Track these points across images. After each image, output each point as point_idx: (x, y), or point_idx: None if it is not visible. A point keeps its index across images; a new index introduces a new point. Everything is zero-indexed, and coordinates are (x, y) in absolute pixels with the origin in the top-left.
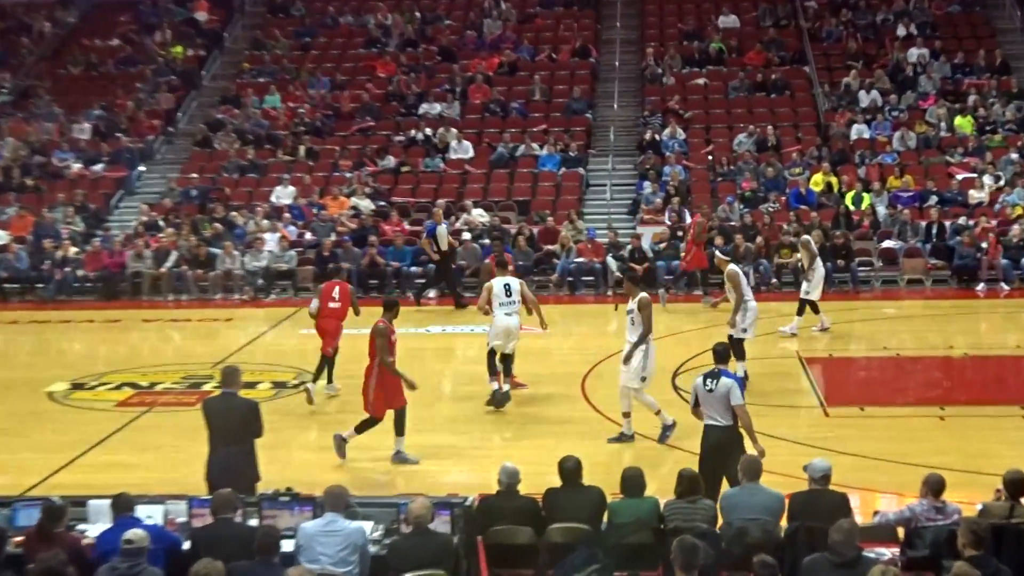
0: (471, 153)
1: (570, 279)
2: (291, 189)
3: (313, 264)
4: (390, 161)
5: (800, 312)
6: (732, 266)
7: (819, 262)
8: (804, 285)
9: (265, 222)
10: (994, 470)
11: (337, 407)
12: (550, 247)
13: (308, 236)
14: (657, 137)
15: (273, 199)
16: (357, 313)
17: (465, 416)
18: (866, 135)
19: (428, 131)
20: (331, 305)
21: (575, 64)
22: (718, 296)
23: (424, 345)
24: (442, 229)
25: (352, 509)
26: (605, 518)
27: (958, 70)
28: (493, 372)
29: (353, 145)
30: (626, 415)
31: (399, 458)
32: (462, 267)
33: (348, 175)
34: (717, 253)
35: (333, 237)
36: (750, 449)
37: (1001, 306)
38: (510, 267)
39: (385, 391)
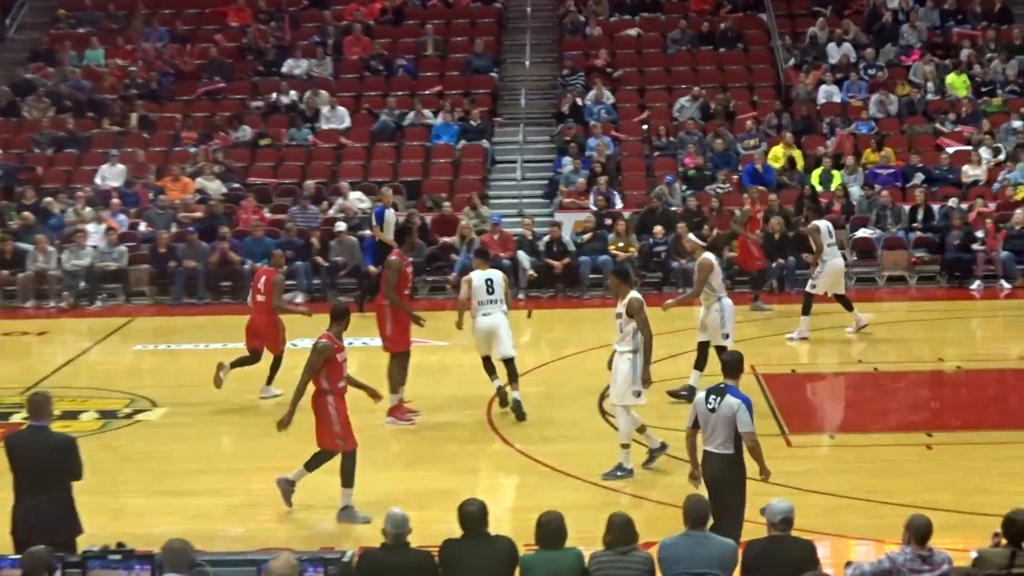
0: (347, 122)
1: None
2: (120, 168)
3: (148, 263)
4: (245, 132)
5: (806, 311)
6: (708, 255)
7: (834, 251)
8: (820, 283)
9: (88, 210)
10: (992, 509)
11: (191, 438)
12: (447, 239)
13: (143, 227)
14: (579, 102)
15: (98, 181)
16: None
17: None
18: (836, 98)
19: (293, 95)
20: (258, 298)
21: (476, 10)
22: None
23: (290, 363)
24: (391, 214)
25: (200, 568)
26: (517, 574)
27: (948, 18)
28: (492, 373)
29: (199, 112)
30: (624, 447)
31: (347, 515)
32: (338, 264)
33: (192, 150)
34: (691, 237)
35: (174, 228)
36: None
37: (1001, 308)
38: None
39: (347, 417)
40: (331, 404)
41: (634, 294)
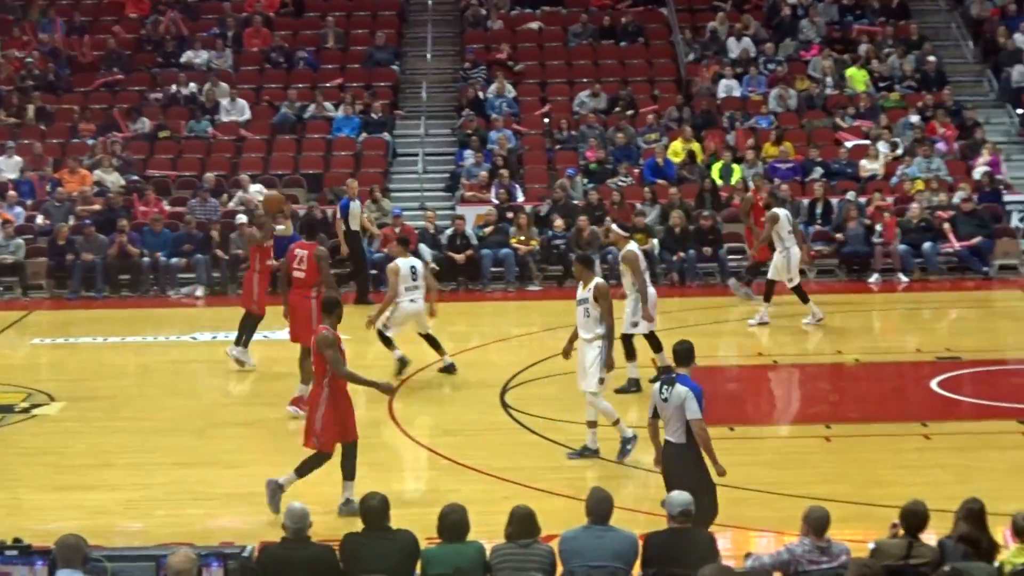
0: (247, 114)
1: (373, 272)
2: (17, 160)
3: (46, 255)
4: (144, 124)
5: (769, 298)
6: (633, 246)
7: (793, 239)
8: (777, 271)
9: None
10: (890, 501)
11: (89, 432)
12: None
13: (40, 220)
14: (481, 95)
15: None
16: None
17: (242, 447)
18: (736, 93)
19: (193, 87)
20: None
21: (378, 3)
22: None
23: (191, 356)
24: (356, 206)
25: (98, 564)
26: (418, 568)
27: (847, 13)
28: (390, 345)
29: (97, 104)
30: (591, 424)
31: (349, 509)
32: (239, 257)
33: (91, 142)
34: (615, 228)
35: (72, 221)
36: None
37: (899, 302)
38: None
39: (338, 419)
40: (323, 401)
41: (599, 280)
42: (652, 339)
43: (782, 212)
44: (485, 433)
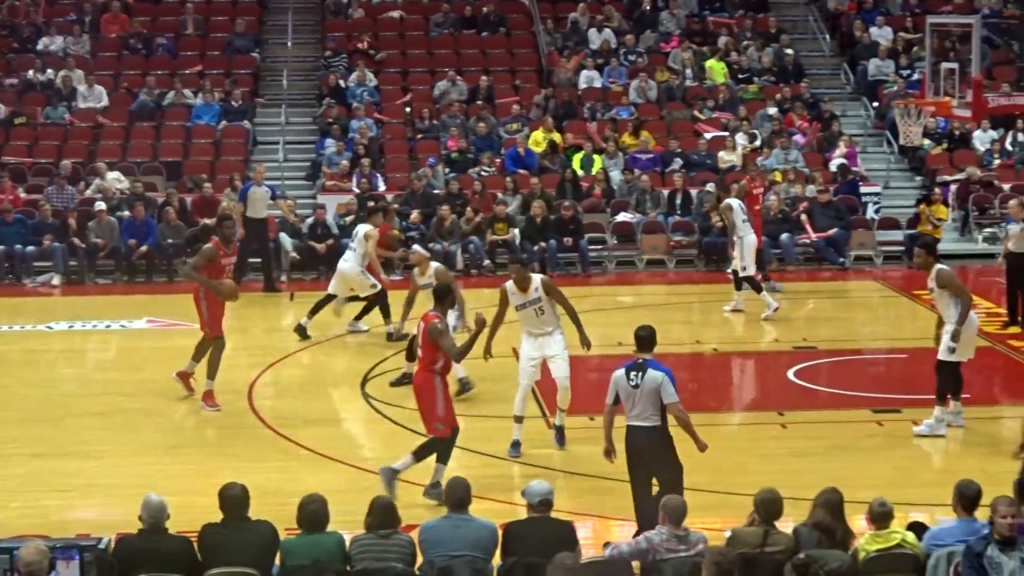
0: (105, 101)
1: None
2: None
3: None
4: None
5: (739, 287)
6: (439, 266)
7: (748, 228)
8: (736, 261)
9: None
10: (747, 489)
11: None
12: (207, 220)
13: None
14: (342, 84)
15: None
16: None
17: (100, 438)
18: (597, 83)
19: (49, 72)
20: None
21: None
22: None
23: (46, 346)
24: (259, 192)
25: None
26: (277, 559)
27: (706, 6)
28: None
29: None
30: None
31: (436, 492)
32: (97, 246)
33: None
34: (417, 248)
35: None
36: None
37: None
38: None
39: (451, 403)
40: (439, 386)
41: (543, 276)
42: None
43: (735, 202)
44: (346, 423)
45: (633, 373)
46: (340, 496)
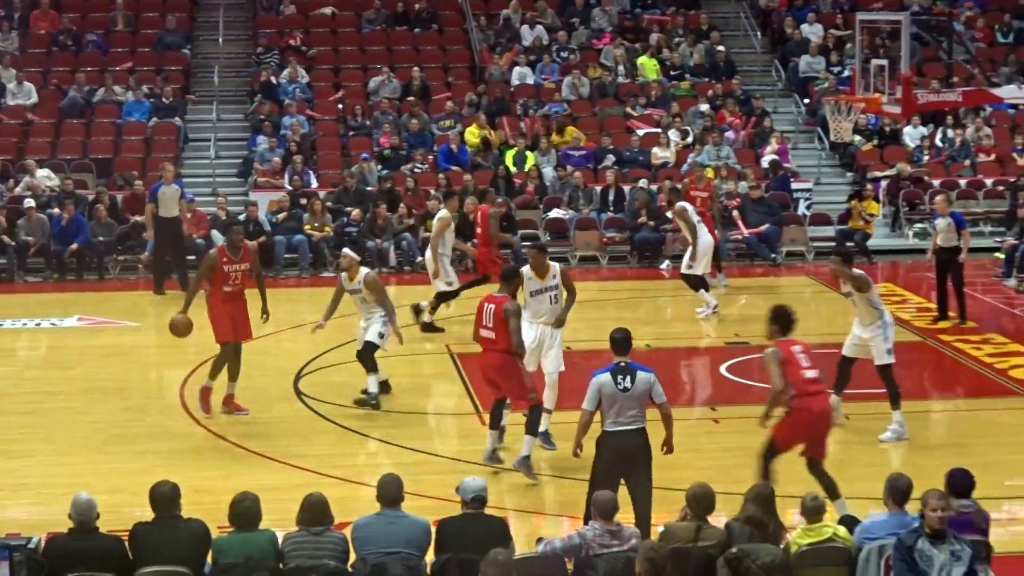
0: (34, 98)
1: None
2: None
3: None
4: None
5: (697, 287)
6: (369, 272)
7: (703, 229)
8: (685, 259)
9: None
10: (681, 484)
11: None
12: (138, 218)
13: None
14: (274, 80)
15: None
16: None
17: (29, 436)
18: (530, 80)
19: None
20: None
21: None
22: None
23: None
24: (169, 191)
25: None
26: (209, 557)
27: (638, 3)
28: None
29: None
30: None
31: (527, 465)
32: (27, 243)
33: None
34: (347, 252)
35: None
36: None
37: (689, 288)
38: None
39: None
40: (520, 364)
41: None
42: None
43: (687, 204)
44: (279, 421)
45: (620, 377)
46: (273, 494)
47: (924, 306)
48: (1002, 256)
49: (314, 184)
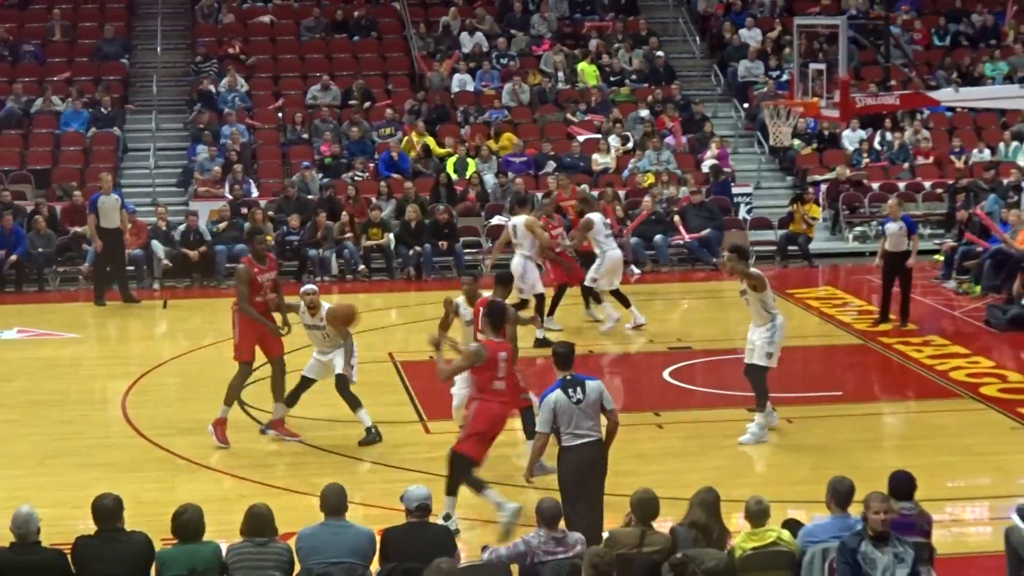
0: None
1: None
2: None
3: None
4: None
5: (598, 300)
6: (328, 307)
7: (611, 243)
8: (590, 271)
9: None
10: (626, 490)
11: None
12: (78, 229)
13: None
14: (213, 89)
15: None
16: None
17: None
18: (470, 87)
19: None
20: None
21: None
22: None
23: None
24: (109, 200)
25: None
26: (153, 570)
27: (577, 9)
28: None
29: None
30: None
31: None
32: None
33: None
34: (310, 288)
35: None
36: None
37: (632, 293)
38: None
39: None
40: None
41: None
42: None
43: (597, 217)
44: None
45: (572, 389)
46: (217, 505)
47: (865, 309)
48: (941, 259)
49: (255, 193)
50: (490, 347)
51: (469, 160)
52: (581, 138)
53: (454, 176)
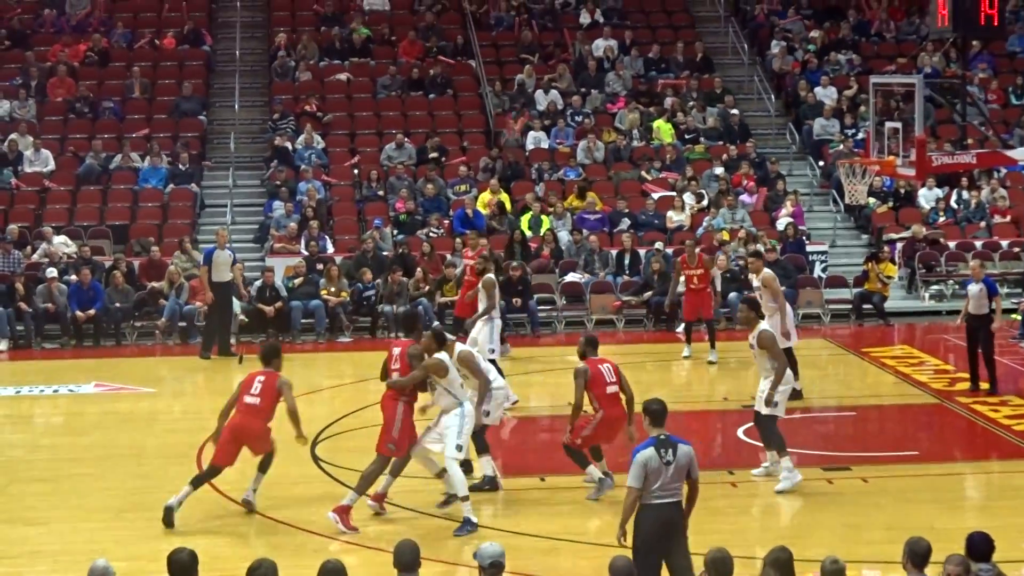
0: (51, 165)
1: (182, 324)
2: None
3: None
4: None
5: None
6: (461, 348)
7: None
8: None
9: None
10: (699, 548)
11: None
12: (155, 284)
13: None
14: (289, 146)
15: None
16: None
17: (45, 503)
18: (544, 144)
19: None
20: None
21: (184, 52)
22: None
23: None
24: (223, 255)
25: None
26: None
27: (652, 67)
28: None
29: None
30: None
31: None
32: (46, 310)
33: None
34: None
35: None
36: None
37: (706, 351)
38: None
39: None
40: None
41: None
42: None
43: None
44: (296, 486)
45: (664, 450)
46: (291, 560)
47: (941, 368)
48: (1019, 318)
49: (330, 249)
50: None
51: (543, 217)
52: (656, 195)
53: (528, 233)
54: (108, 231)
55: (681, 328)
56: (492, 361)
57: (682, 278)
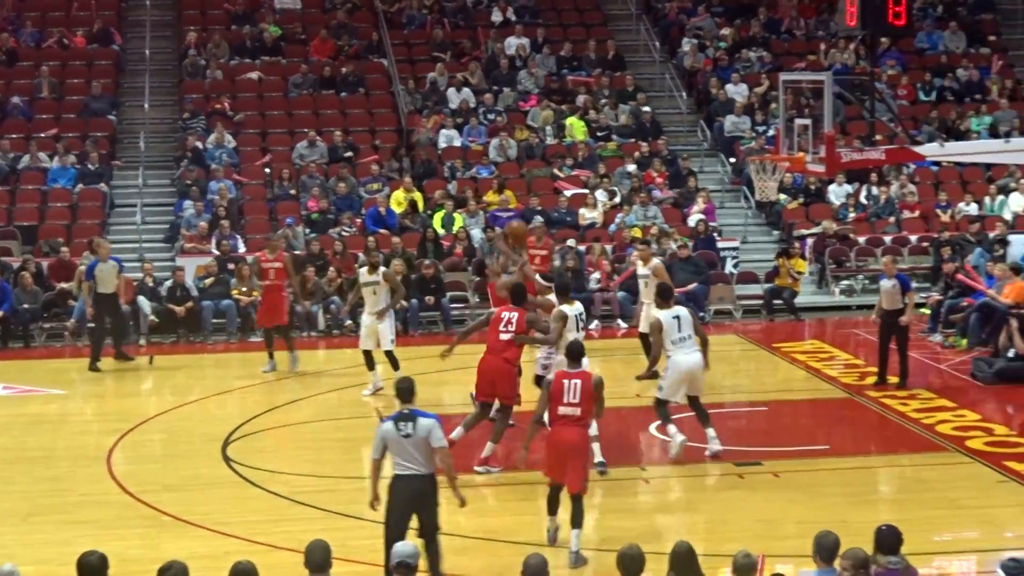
0: None
1: (91, 325)
2: None
3: None
4: None
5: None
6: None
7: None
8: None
9: None
10: (614, 545)
11: None
12: (64, 285)
13: None
14: (200, 145)
15: None
16: None
17: None
18: (457, 143)
19: None
20: None
21: (93, 52)
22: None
23: None
24: (106, 268)
25: None
26: None
27: (564, 65)
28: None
29: None
30: None
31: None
32: None
33: None
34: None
35: None
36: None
37: (619, 348)
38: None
39: None
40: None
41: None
42: None
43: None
44: (208, 487)
45: (403, 423)
46: (202, 562)
47: (852, 362)
48: (928, 312)
49: (241, 249)
50: None
51: (456, 215)
52: (568, 193)
53: (441, 231)
54: (16, 232)
55: (595, 324)
56: (389, 352)
57: (596, 275)
